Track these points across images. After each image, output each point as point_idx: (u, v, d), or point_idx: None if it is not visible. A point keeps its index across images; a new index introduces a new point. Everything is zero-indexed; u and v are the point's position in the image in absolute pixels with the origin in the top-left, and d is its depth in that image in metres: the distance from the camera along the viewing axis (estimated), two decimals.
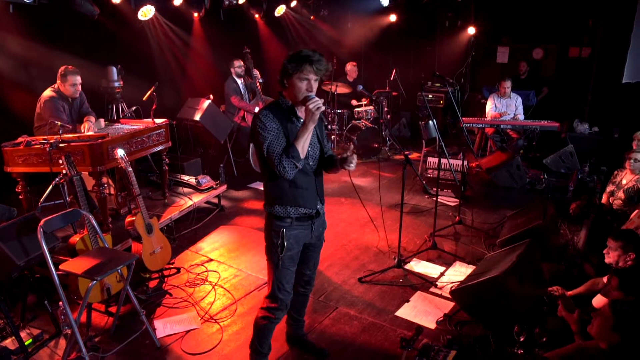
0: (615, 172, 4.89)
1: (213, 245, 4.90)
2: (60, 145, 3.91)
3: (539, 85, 8.46)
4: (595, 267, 3.84)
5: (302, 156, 2.54)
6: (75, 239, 3.46)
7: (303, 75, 2.49)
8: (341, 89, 8.09)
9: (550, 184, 6.48)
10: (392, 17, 9.30)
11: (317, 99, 2.48)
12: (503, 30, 9.20)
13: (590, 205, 4.85)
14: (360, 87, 8.15)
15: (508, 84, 7.29)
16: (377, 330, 3.50)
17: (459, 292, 3.54)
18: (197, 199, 5.33)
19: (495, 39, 9.35)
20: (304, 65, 2.47)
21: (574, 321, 3.08)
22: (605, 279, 3.40)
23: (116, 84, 5.87)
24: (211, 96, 6.64)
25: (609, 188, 4.87)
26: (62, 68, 4.64)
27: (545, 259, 3.97)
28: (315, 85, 2.54)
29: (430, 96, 8.94)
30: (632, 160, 4.57)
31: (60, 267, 3.08)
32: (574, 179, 6.29)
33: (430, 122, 6.57)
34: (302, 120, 2.58)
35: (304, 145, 2.53)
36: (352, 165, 2.65)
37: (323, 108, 2.48)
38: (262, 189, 7.81)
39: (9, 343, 3.27)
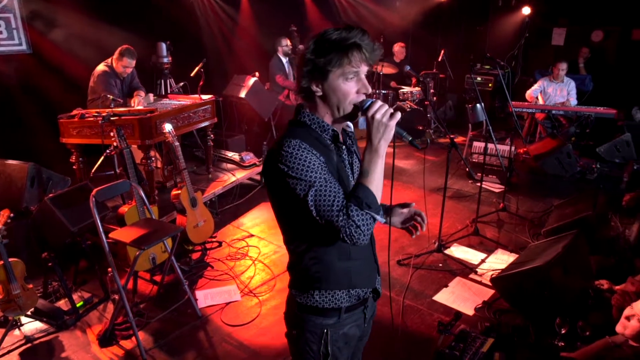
0: None
1: (254, 221, 4.99)
2: (112, 118, 4.05)
3: (596, 69, 8.03)
4: None
5: (380, 200, 1.54)
6: (124, 209, 3.60)
7: (350, 69, 1.49)
8: (387, 70, 7.96)
9: (602, 174, 6.20)
10: None
11: (379, 102, 1.50)
12: (560, 10, 8.73)
13: None
14: (408, 68, 8.01)
15: (563, 67, 6.90)
16: (414, 314, 3.50)
17: (500, 280, 3.47)
18: (240, 175, 5.42)
19: (551, 20, 8.90)
20: (351, 54, 1.47)
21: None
22: None
23: (165, 60, 5.98)
24: (257, 74, 6.69)
25: None
26: (124, 47, 4.74)
27: (594, 252, 3.83)
28: (367, 83, 1.56)
29: (479, 78, 8.67)
30: None
31: (110, 235, 3.21)
32: (629, 169, 5.98)
33: (478, 105, 6.39)
34: (350, 146, 1.68)
35: (378, 182, 1.51)
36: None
37: (398, 115, 1.48)
38: None
39: (63, 304, 3.49)
